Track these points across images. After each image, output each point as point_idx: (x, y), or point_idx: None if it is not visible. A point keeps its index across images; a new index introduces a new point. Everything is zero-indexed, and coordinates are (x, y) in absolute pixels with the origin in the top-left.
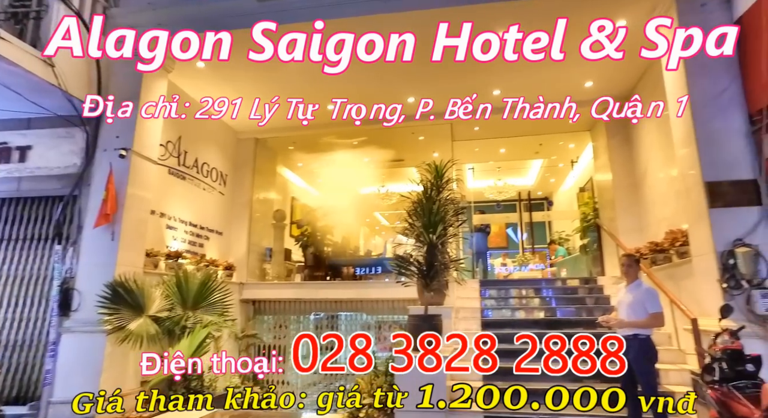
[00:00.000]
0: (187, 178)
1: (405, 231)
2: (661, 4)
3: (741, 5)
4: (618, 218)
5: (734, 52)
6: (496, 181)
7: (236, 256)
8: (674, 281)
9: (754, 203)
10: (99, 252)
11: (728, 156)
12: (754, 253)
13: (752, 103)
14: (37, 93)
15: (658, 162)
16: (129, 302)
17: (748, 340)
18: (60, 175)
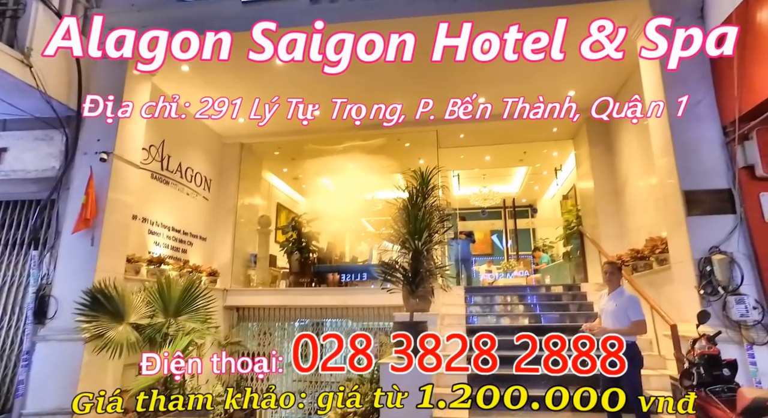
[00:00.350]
0: (171, 183)
1: (391, 237)
2: (639, 19)
3: (715, 20)
4: (600, 226)
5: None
6: (481, 189)
7: (220, 262)
8: (654, 287)
9: (728, 212)
10: (78, 258)
11: (705, 165)
12: (729, 260)
13: (725, 115)
14: (13, 94)
15: (639, 171)
16: (109, 309)
17: (725, 345)
18: (37, 179)
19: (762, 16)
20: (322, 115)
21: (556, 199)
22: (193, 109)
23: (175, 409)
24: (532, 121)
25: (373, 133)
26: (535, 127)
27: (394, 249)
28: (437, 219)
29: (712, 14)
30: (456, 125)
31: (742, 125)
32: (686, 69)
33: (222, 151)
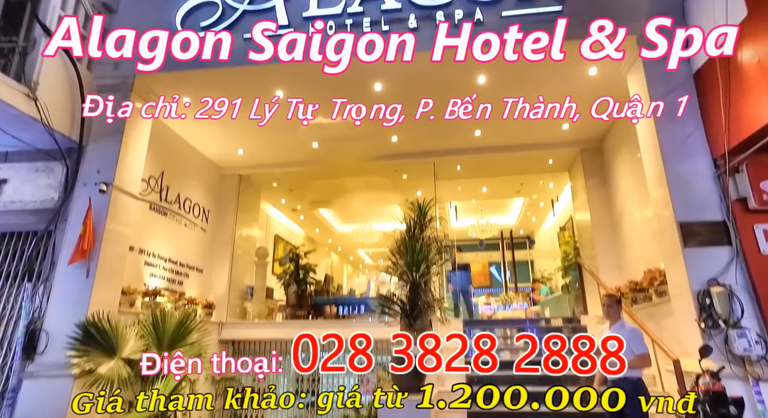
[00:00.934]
0: (169, 214)
1: (388, 269)
2: (629, 53)
3: (698, 60)
4: (598, 257)
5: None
6: (478, 220)
7: (216, 294)
8: (655, 320)
9: (725, 243)
10: (72, 290)
11: (699, 197)
12: (728, 292)
13: (714, 149)
14: (16, 126)
15: (634, 202)
16: (101, 343)
17: (730, 381)
18: (35, 210)
19: (744, 53)
20: (321, 148)
21: (553, 231)
22: (193, 140)
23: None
24: (527, 153)
25: (372, 164)
26: (531, 159)
27: (391, 281)
28: (435, 251)
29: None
30: (453, 157)
31: (732, 158)
32: (675, 103)
33: (221, 183)
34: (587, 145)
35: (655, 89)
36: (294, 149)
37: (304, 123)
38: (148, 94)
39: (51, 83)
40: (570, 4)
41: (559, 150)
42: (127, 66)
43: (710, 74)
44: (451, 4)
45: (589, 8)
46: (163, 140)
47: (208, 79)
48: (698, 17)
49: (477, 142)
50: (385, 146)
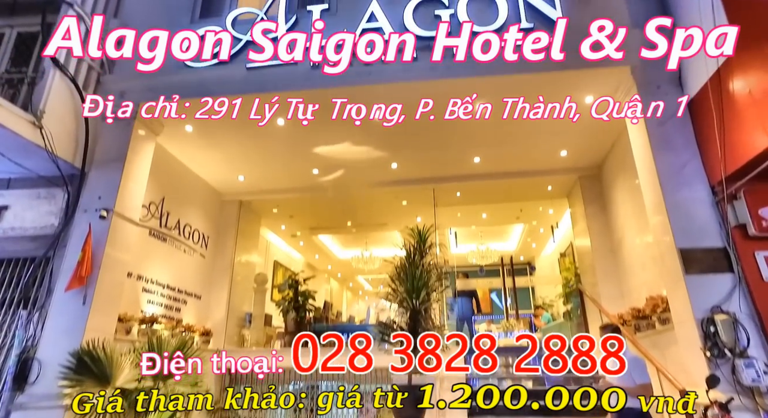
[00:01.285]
0: (168, 240)
1: (388, 296)
2: (623, 84)
3: (692, 89)
4: (599, 284)
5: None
6: (478, 246)
7: (214, 321)
8: (659, 349)
9: (726, 270)
10: (67, 317)
11: (698, 224)
12: (732, 320)
13: (712, 176)
14: (21, 153)
15: (634, 229)
16: (95, 372)
17: (740, 413)
18: (35, 236)
19: (734, 84)
20: (322, 175)
21: (553, 257)
22: (194, 166)
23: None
24: (526, 179)
25: (372, 191)
26: (530, 186)
27: (391, 308)
28: (435, 277)
29: (690, 84)
30: (452, 184)
31: (729, 185)
32: (671, 132)
33: (221, 209)
34: (585, 171)
35: (651, 118)
36: (295, 176)
37: (304, 123)
38: (152, 122)
39: (57, 111)
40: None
41: (558, 177)
42: (132, 94)
43: (704, 103)
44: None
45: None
46: (165, 166)
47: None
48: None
49: (476, 168)
50: (384, 173)
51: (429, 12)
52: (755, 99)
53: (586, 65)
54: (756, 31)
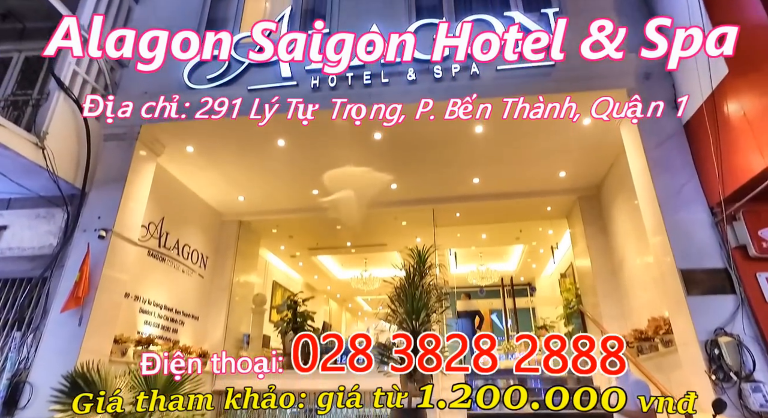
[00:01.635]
0: (167, 260)
1: (387, 317)
2: (619, 107)
3: (688, 112)
4: (600, 304)
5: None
6: (478, 267)
7: (212, 342)
8: (664, 372)
9: (728, 292)
10: (62, 338)
11: (698, 245)
12: (736, 343)
13: (710, 198)
14: (22, 174)
15: (634, 249)
16: (88, 396)
17: None
18: (33, 256)
19: (729, 106)
20: (322, 195)
21: (554, 278)
22: (194, 186)
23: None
24: (526, 200)
25: (371, 212)
26: (530, 207)
27: (391, 329)
28: (435, 298)
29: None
30: (452, 204)
31: (728, 206)
32: (668, 153)
33: (221, 229)
34: (584, 192)
35: (648, 140)
36: (294, 196)
37: (304, 123)
38: (153, 143)
39: (60, 132)
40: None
41: (557, 197)
42: (133, 116)
43: (700, 125)
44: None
45: (580, 68)
46: (165, 186)
47: (212, 128)
48: (682, 75)
49: (475, 189)
50: (384, 193)
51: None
52: (750, 121)
53: (584, 88)
54: (749, 55)
